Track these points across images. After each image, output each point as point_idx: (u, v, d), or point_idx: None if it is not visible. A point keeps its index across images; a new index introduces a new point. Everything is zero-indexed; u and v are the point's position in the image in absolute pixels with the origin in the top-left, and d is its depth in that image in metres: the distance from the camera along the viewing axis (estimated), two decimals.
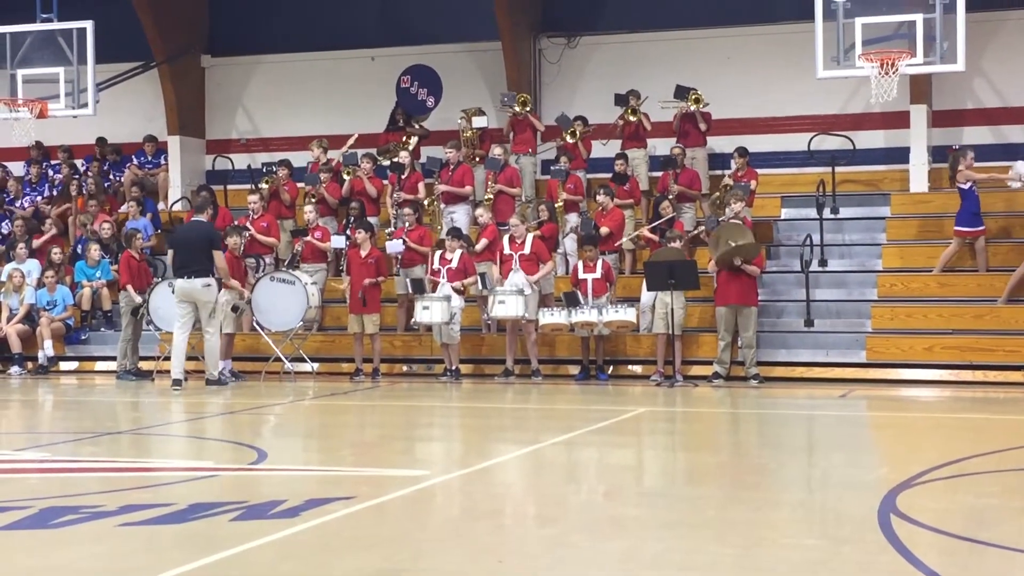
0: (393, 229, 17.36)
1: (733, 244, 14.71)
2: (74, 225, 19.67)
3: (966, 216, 16.10)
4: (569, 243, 17.21)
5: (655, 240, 16.32)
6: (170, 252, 15.27)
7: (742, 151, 17.63)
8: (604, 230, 16.39)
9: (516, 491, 8.26)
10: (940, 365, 15.18)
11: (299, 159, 19.50)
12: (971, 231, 16.12)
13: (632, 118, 18.11)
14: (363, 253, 16.11)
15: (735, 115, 18.78)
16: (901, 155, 18.19)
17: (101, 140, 21.26)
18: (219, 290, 14.96)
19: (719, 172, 18.34)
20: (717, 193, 17.47)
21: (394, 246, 16.70)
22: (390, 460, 9.66)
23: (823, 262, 16.96)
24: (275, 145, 21.07)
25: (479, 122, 19.01)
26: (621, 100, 18.22)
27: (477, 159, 18.63)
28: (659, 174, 17.85)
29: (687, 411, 13.06)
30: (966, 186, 16.00)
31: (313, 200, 18.03)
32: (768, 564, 5.77)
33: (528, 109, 18.51)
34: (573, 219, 17.37)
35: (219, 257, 14.83)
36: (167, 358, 16.55)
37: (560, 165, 17.64)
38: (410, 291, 16.13)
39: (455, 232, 16.14)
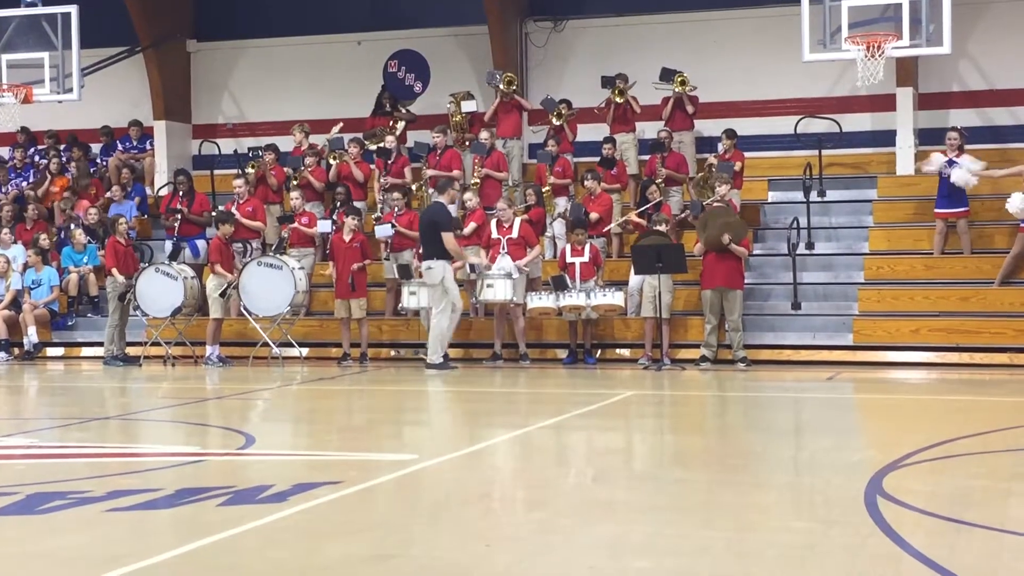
0: (380, 214, 17.33)
1: (723, 224, 14.76)
2: (58, 211, 19.60)
3: (938, 199, 16.27)
4: (557, 227, 17.20)
5: (643, 225, 16.32)
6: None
7: (730, 133, 17.59)
8: (594, 216, 16.37)
9: (505, 475, 8.27)
10: (926, 347, 15.23)
11: (286, 143, 19.41)
12: (946, 212, 16.19)
13: (619, 99, 18.07)
14: (347, 238, 16.08)
15: (722, 98, 18.74)
16: (887, 138, 18.19)
17: (77, 134, 21.15)
18: (448, 268, 14.88)
19: (706, 155, 18.32)
20: (701, 174, 17.46)
21: (383, 230, 16.67)
22: (378, 444, 9.67)
23: (810, 245, 16.99)
24: (261, 130, 21.01)
25: (468, 106, 18.96)
26: (608, 82, 18.19)
27: (467, 143, 18.58)
28: (647, 158, 17.85)
29: (675, 395, 13.07)
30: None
31: (296, 183, 17.95)
32: (757, 548, 5.78)
33: (513, 89, 18.43)
34: (562, 203, 17.36)
35: (447, 239, 14.78)
36: (155, 343, 16.56)
37: (547, 149, 17.61)
38: (397, 276, 16.11)
39: None
